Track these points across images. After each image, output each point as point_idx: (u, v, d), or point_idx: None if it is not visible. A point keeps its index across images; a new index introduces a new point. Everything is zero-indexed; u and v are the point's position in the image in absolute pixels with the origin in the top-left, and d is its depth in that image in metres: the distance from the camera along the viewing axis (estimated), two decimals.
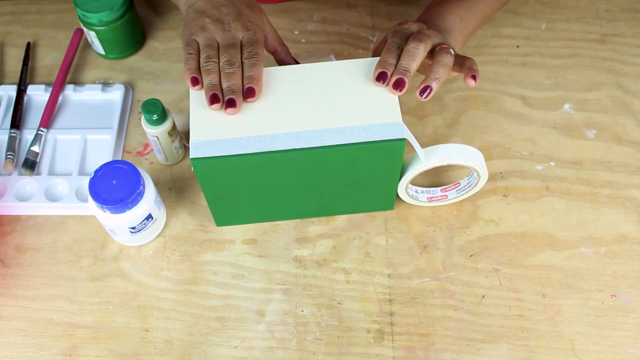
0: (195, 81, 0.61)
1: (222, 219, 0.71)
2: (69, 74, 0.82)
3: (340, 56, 0.84)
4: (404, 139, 0.59)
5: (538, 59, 0.83)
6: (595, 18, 0.87)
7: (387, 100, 0.61)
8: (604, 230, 0.71)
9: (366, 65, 0.63)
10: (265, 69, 0.63)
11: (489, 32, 0.85)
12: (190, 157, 0.58)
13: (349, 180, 0.65)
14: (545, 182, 0.74)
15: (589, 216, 0.72)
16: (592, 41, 0.84)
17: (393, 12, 0.88)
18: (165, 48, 0.85)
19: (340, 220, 0.72)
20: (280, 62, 0.69)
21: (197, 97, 0.61)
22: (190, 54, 0.62)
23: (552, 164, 0.75)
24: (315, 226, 0.72)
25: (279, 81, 0.62)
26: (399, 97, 0.61)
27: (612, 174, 0.74)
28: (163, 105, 0.69)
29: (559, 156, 0.76)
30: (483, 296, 0.67)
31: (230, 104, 0.59)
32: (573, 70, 0.82)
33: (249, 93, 0.60)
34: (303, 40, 0.85)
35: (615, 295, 0.67)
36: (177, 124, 0.77)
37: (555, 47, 0.84)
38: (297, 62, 0.70)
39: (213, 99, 0.59)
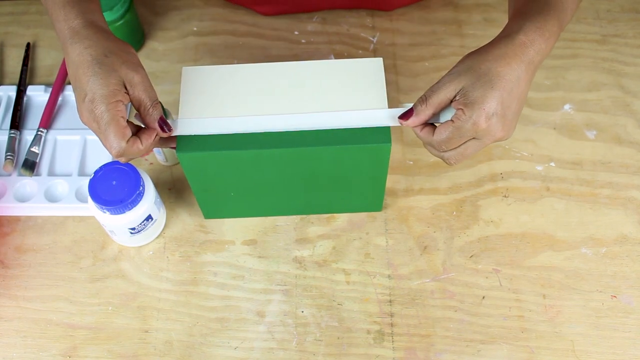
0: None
1: (210, 211, 0.71)
2: None
3: (340, 57, 0.84)
4: (390, 143, 0.59)
5: None
6: (596, 18, 0.86)
7: (376, 102, 0.61)
8: (605, 231, 0.71)
9: (361, 65, 0.63)
10: (257, 64, 0.63)
11: (489, 32, 0.85)
12: (177, 150, 0.59)
13: (336, 180, 0.65)
14: (546, 183, 0.74)
15: (589, 217, 0.71)
16: (592, 41, 0.84)
17: (393, 12, 0.87)
18: (165, 48, 0.85)
19: (340, 220, 0.72)
20: (146, 125, 0.58)
21: (188, 90, 0.62)
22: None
23: (553, 164, 0.75)
24: (315, 227, 0.72)
25: (272, 77, 0.62)
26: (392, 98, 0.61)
27: (612, 175, 0.74)
28: (163, 106, 0.69)
29: (560, 157, 0.75)
30: (483, 297, 0.67)
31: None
32: (573, 71, 0.82)
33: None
34: (303, 41, 0.85)
35: (615, 296, 0.67)
36: None
37: (555, 48, 0.83)
38: (164, 129, 0.57)
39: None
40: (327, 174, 0.64)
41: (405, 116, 0.57)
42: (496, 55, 0.54)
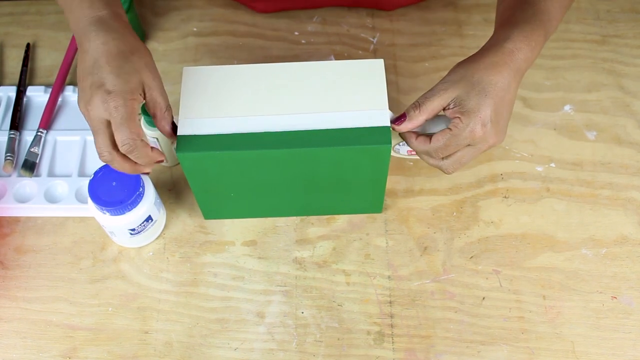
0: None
1: (210, 212, 0.71)
2: (69, 75, 0.82)
3: (340, 57, 0.84)
4: (390, 144, 0.59)
5: (538, 60, 0.82)
6: (596, 19, 0.86)
7: (377, 103, 0.61)
8: (605, 231, 0.71)
9: (362, 66, 0.63)
10: (257, 65, 0.63)
11: (489, 33, 0.85)
12: (177, 150, 0.59)
13: (336, 181, 0.65)
14: (546, 184, 0.74)
15: (589, 218, 0.71)
16: (592, 42, 0.84)
17: (393, 13, 0.87)
18: (165, 49, 0.85)
19: (340, 221, 0.72)
20: (159, 128, 0.59)
21: (188, 90, 0.62)
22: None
23: (553, 165, 0.75)
24: (315, 227, 0.71)
25: (272, 77, 0.62)
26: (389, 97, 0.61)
27: (612, 175, 0.74)
28: None
29: (560, 157, 0.75)
30: (483, 298, 0.67)
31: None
32: (573, 71, 0.82)
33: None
34: (303, 41, 0.85)
35: (615, 297, 0.67)
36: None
37: (555, 48, 0.83)
38: (174, 133, 0.60)
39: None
40: (327, 175, 0.64)
41: (398, 121, 0.59)
42: (487, 63, 0.57)
